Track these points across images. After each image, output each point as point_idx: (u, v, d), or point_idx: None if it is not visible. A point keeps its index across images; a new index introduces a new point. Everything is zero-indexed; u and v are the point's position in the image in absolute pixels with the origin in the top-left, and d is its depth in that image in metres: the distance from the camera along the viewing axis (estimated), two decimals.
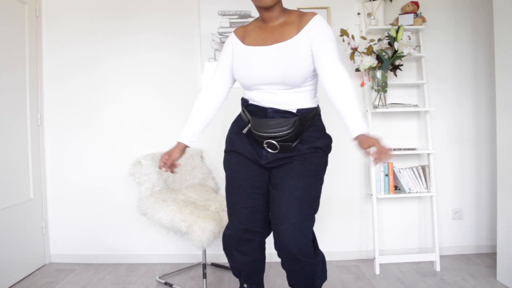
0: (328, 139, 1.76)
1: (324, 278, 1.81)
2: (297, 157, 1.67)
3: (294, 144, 1.65)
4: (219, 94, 1.83)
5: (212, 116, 1.84)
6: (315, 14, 1.67)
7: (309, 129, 1.69)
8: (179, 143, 1.80)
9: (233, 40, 1.78)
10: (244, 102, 1.78)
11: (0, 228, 2.54)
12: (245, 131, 1.73)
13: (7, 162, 2.65)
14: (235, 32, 1.80)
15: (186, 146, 1.81)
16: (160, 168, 1.79)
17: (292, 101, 1.66)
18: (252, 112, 1.71)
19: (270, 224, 1.75)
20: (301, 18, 1.67)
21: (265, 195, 1.75)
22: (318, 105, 1.75)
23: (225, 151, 1.83)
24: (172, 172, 1.81)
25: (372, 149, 1.46)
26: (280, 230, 1.63)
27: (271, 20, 1.70)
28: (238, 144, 1.76)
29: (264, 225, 1.77)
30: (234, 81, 1.83)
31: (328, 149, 1.75)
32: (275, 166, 1.71)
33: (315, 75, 1.69)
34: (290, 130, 1.62)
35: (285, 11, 1.72)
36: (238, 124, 1.81)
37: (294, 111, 1.66)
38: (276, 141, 1.63)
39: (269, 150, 1.66)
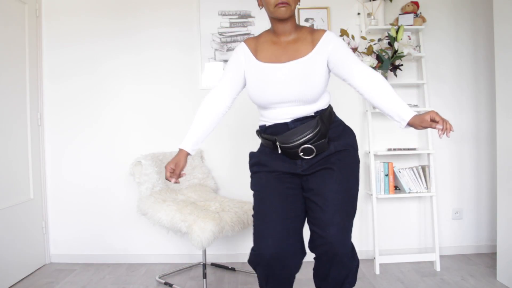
0: (352, 135, 1.78)
1: (353, 283, 1.78)
2: (332, 159, 1.67)
3: (326, 141, 1.67)
4: (225, 102, 1.78)
5: (215, 124, 1.79)
6: (325, 30, 1.70)
7: (331, 126, 1.71)
8: (182, 150, 1.74)
9: (245, 51, 1.74)
10: (261, 129, 1.76)
11: (0, 228, 2.54)
12: (280, 151, 1.69)
13: (7, 162, 2.65)
14: (246, 43, 1.76)
15: (188, 154, 1.75)
16: (167, 179, 1.71)
17: (308, 110, 1.68)
18: (274, 133, 1.70)
19: (302, 251, 1.71)
20: (312, 34, 1.69)
21: (298, 211, 1.70)
22: (330, 105, 1.77)
23: (255, 172, 1.79)
24: (177, 182, 1.73)
25: (436, 120, 1.52)
26: (326, 234, 1.61)
27: (284, 34, 1.69)
28: (270, 162, 1.73)
29: (296, 248, 1.68)
30: (240, 91, 1.80)
31: (356, 145, 1.77)
32: (311, 173, 1.69)
33: (326, 88, 1.73)
34: (317, 129, 1.64)
35: (297, 26, 1.73)
36: (261, 150, 1.80)
37: (312, 114, 1.69)
38: (309, 144, 1.64)
39: (306, 157, 1.65)
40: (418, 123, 1.54)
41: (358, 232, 3.06)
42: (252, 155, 1.83)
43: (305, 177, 1.70)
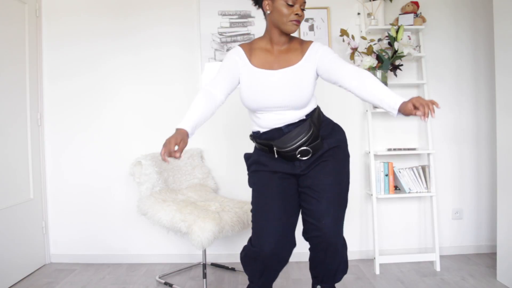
0: (341, 131, 1.87)
1: (345, 271, 1.89)
2: (324, 156, 1.77)
3: (320, 140, 1.77)
4: (219, 96, 1.75)
5: (209, 115, 1.74)
6: (312, 41, 1.81)
7: (321, 126, 1.81)
8: (181, 129, 1.59)
9: (240, 54, 1.78)
10: (255, 135, 1.83)
11: (0, 228, 2.54)
12: (276, 156, 1.77)
13: (7, 162, 2.65)
14: (242, 47, 1.80)
15: (187, 135, 1.61)
16: (171, 155, 1.52)
17: (299, 115, 1.77)
18: (269, 138, 1.77)
19: (294, 242, 1.79)
20: (302, 45, 1.79)
21: (295, 210, 1.80)
22: (317, 105, 1.87)
23: (254, 171, 1.84)
24: (177, 157, 1.54)
25: (416, 105, 1.52)
26: (322, 225, 1.70)
27: (280, 43, 1.78)
28: (270, 162, 1.80)
29: (292, 242, 1.77)
30: (233, 89, 1.81)
31: (346, 140, 1.87)
32: (311, 168, 1.78)
33: (314, 93, 1.81)
34: (311, 131, 1.73)
35: (290, 37, 1.81)
36: (258, 152, 1.85)
37: (304, 117, 1.78)
38: (305, 146, 1.73)
39: (303, 158, 1.74)
40: (404, 110, 1.56)
41: (358, 232, 3.06)
42: (249, 155, 1.91)
43: (301, 177, 1.79)
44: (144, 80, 3.05)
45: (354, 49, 2.81)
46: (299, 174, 1.78)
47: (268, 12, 1.73)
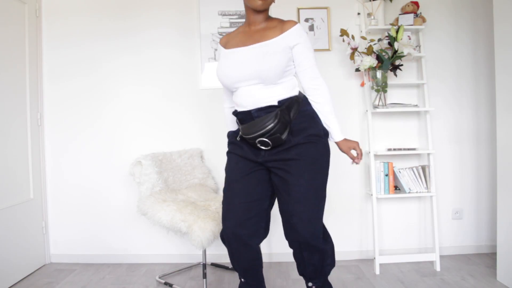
0: (318, 125, 1.80)
1: (333, 264, 1.88)
2: (292, 152, 1.74)
3: (284, 136, 1.72)
4: (228, 101, 2.01)
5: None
6: (297, 22, 1.78)
7: (296, 118, 1.76)
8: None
9: (219, 48, 1.93)
10: (233, 113, 1.87)
11: (0, 228, 2.54)
12: (238, 138, 1.84)
13: (7, 162, 2.65)
14: (220, 40, 1.94)
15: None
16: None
17: (270, 95, 1.74)
18: (241, 121, 1.81)
19: (264, 231, 1.84)
20: (283, 24, 1.78)
21: (262, 195, 1.81)
22: (300, 93, 1.83)
23: (228, 152, 1.93)
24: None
25: (353, 152, 1.82)
26: (291, 224, 1.74)
27: (255, 23, 1.82)
28: (237, 147, 1.86)
29: (257, 227, 1.80)
30: None
31: (321, 134, 1.80)
32: (275, 167, 1.77)
33: (291, 73, 1.79)
34: (275, 123, 1.69)
35: (269, 18, 1.84)
36: (235, 132, 1.94)
37: (276, 103, 1.74)
38: (266, 137, 1.70)
39: (263, 147, 1.75)
40: (341, 147, 1.82)
41: (358, 232, 3.06)
42: (230, 133, 1.97)
43: (270, 168, 1.79)
44: (144, 81, 3.05)
45: (354, 49, 2.81)
46: (261, 162, 1.79)
47: None
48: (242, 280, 1.92)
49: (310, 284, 1.89)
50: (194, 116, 3.04)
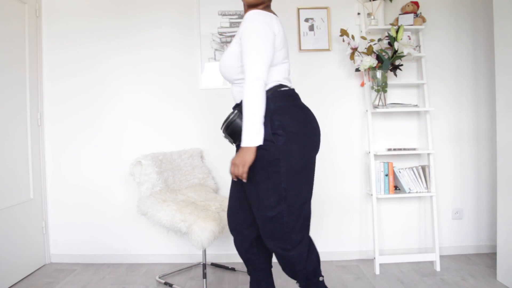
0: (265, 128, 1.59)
1: (307, 269, 1.73)
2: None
3: (233, 140, 1.73)
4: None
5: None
6: (255, 10, 1.66)
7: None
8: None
9: None
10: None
11: (0, 228, 2.54)
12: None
13: (7, 162, 2.65)
14: None
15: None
16: None
17: (236, 94, 1.76)
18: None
19: (255, 224, 1.85)
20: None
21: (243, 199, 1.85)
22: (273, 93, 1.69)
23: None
24: None
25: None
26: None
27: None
28: None
29: (252, 218, 1.85)
30: None
31: (269, 138, 1.59)
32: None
33: None
34: (227, 117, 1.69)
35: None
36: None
37: (239, 102, 1.74)
38: (223, 132, 1.74)
39: (231, 143, 1.79)
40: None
41: (358, 232, 3.06)
42: None
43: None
44: (144, 80, 3.05)
45: (354, 49, 2.81)
46: None
47: None
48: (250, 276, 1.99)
49: (297, 284, 1.87)
50: (194, 116, 3.04)
